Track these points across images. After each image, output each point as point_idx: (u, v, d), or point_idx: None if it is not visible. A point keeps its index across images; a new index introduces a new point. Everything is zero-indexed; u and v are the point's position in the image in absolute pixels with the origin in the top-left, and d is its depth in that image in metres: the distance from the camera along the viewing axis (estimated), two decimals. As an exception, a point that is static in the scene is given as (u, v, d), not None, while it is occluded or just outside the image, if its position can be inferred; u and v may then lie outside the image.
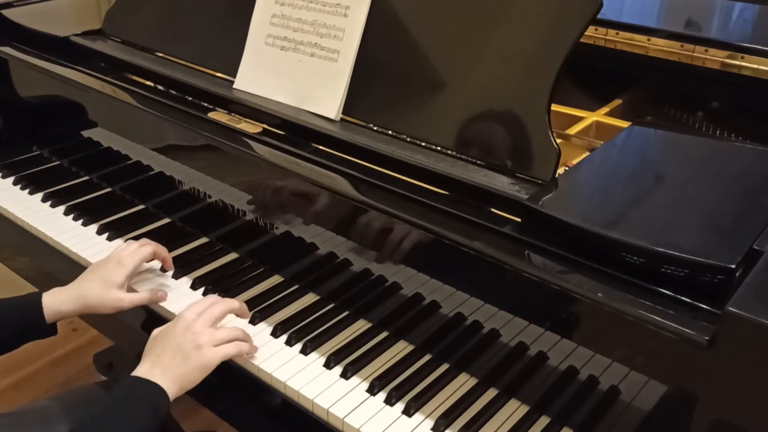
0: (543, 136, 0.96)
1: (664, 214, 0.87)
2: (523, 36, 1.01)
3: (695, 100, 1.34)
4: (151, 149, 1.36)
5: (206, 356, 0.97)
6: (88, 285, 1.12)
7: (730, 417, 0.75)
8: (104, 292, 1.11)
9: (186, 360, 0.96)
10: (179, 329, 0.99)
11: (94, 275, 1.13)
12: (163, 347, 0.98)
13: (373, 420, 0.97)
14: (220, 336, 1.00)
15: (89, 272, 1.15)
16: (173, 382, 0.95)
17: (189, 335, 0.98)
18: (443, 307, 1.02)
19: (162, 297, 1.17)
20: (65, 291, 1.12)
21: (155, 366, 0.96)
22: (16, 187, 1.52)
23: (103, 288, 1.11)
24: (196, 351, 0.97)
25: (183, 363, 0.96)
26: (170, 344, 0.98)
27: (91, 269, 1.16)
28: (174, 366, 0.96)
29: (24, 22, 1.58)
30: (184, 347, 0.97)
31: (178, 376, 0.95)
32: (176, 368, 0.96)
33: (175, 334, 0.99)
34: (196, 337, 0.98)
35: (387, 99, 1.11)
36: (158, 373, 0.95)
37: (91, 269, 1.16)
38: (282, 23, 1.21)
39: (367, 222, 1.04)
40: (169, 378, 0.95)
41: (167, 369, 0.95)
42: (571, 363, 0.91)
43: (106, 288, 1.11)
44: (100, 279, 1.12)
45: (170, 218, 1.40)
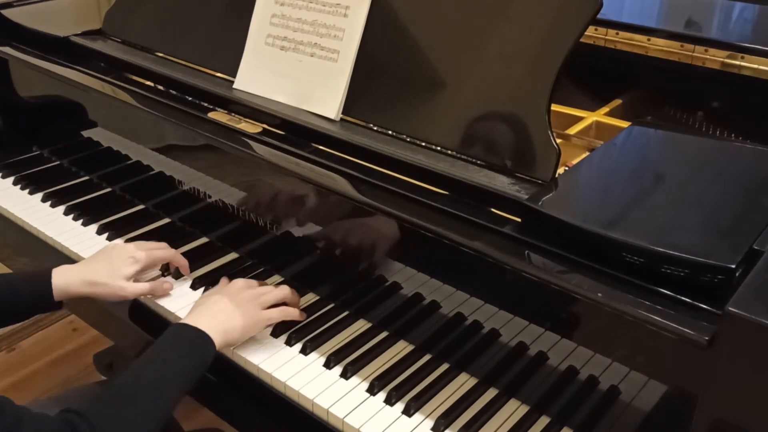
0: (543, 136, 0.96)
1: (664, 214, 0.87)
2: (523, 36, 1.01)
3: (695, 100, 1.34)
4: (151, 149, 1.36)
5: (252, 319, 1.04)
6: (98, 272, 1.14)
7: (730, 417, 0.75)
8: (111, 281, 1.14)
9: (233, 315, 1.02)
10: (230, 289, 1.07)
11: (105, 263, 1.16)
12: (212, 302, 1.04)
13: (373, 420, 0.97)
14: (267, 300, 1.08)
15: (101, 258, 1.17)
16: (218, 334, 0.99)
17: (239, 297, 1.05)
18: (443, 307, 1.02)
19: (167, 289, 1.19)
20: (75, 272, 1.14)
21: (202, 316, 1.01)
22: (16, 187, 1.52)
23: (111, 277, 1.14)
24: (244, 309, 1.04)
25: (230, 318, 1.02)
26: (218, 300, 1.04)
27: (104, 256, 1.17)
28: (222, 318, 1.01)
29: (24, 22, 1.58)
30: (235, 303, 1.04)
31: (224, 329, 1.01)
32: (223, 321, 1.01)
33: (225, 291, 1.06)
34: (245, 301, 1.05)
35: (387, 99, 1.11)
36: (205, 323, 0.99)
37: (104, 256, 1.17)
38: (282, 23, 1.21)
39: (367, 222, 1.04)
40: (217, 328, 0.99)
41: (213, 321, 1.00)
42: (571, 363, 0.91)
43: (114, 278, 1.14)
44: (111, 268, 1.15)
45: (170, 218, 1.40)
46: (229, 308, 1.03)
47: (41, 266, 1.33)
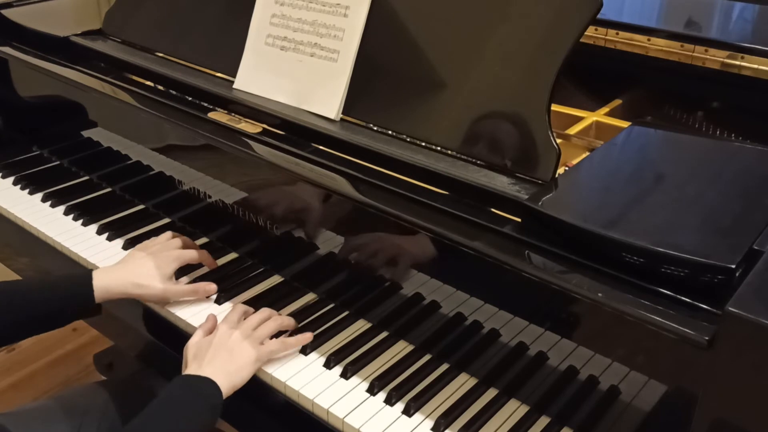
0: (543, 136, 0.96)
1: (664, 214, 0.87)
2: (523, 36, 1.01)
3: (695, 100, 1.34)
4: (151, 149, 1.36)
5: (253, 353, 1.00)
6: (141, 272, 1.13)
7: (730, 417, 0.75)
8: (155, 281, 1.13)
9: (234, 357, 0.99)
10: (221, 334, 1.01)
11: (146, 262, 1.14)
12: (209, 349, 1.00)
13: (373, 420, 0.97)
14: (262, 333, 1.03)
15: (141, 258, 1.15)
16: (224, 379, 0.96)
17: (233, 339, 1.01)
18: (443, 307, 1.02)
19: (210, 290, 1.17)
20: (115, 273, 1.12)
21: (204, 366, 0.97)
22: (16, 187, 1.52)
23: (155, 278, 1.13)
24: (241, 349, 1.00)
25: (231, 360, 0.98)
26: (215, 345, 1.00)
27: (144, 256, 1.15)
28: (223, 363, 0.98)
29: (24, 22, 1.58)
30: (231, 345, 1.00)
31: (228, 373, 0.97)
32: (226, 365, 0.98)
33: (218, 337, 1.01)
34: (240, 341, 1.01)
35: (387, 99, 1.11)
36: (209, 371, 0.96)
37: (144, 256, 1.15)
38: (282, 23, 1.21)
39: (367, 222, 1.04)
40: (219, 375, 0.96)
41: (217, 367, 0.97)
42: (571, 363, 0.91)
43: (157, 278, 1.13)
44: (154, 268, 1.13)
45: (170, 218, 1.40)
46: (224, 353, 0.99)
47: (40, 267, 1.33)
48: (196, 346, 1.02)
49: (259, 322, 1.06)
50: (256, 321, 1.06)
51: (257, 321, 1.06)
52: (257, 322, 1.05)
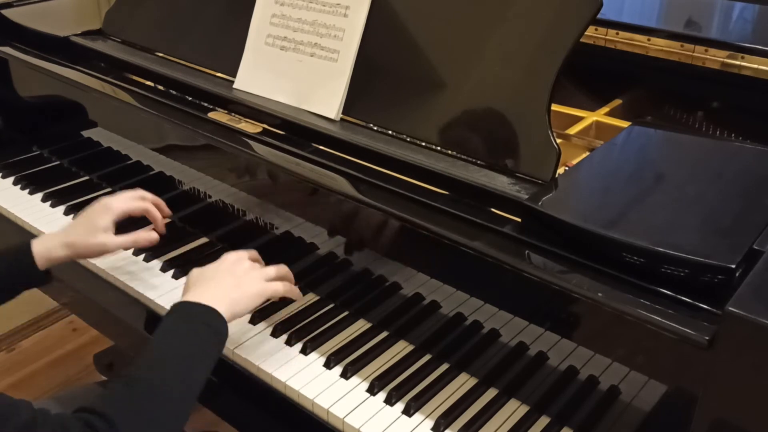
0: (543, 136, 0.96)
1: (664, 214, 0.87)
2: (523, 36, 1.01)
3: (695, 100, 1.34)
4: (151, 149, 1.36)
5: (258, 284, 0.98)
6: (75, 230, 1.12)
7: (730, 417, 0.75)
8: (90, 236, 1.11)
9: (238, 285, 0.96)
10: (229, 260, 1.00)
11: (80, 220, 1.14)
12: (212, 275, 0.97)
13: (373, 420, 0.97)
14: (269, 271, 1.01)
15: (78, 219, 1.16)
16: (227, 306, 0.93)
17: (240, 264, 0.99)
18: (443, 307, 1.02)
19: (151, 238, 1.15)
20: (54, 237, 1.12)
21: (205, 292, 0.94)
22: (16, 187, 1.52)
23: (89, 232, 1.11)
24: (248, 278, 0.98)
25: (235, 288, 0.95)
26: (220, 272, 0.97)
27: (80, 216, 1.16)
28: (225, 291, 0.94)
29: (24, 22, 1.58)
30: (236, 273, 0.97)
31: (231, 300, 0.94)
32: (229, 292, 0.94)
33: (225, 263, 0.99)
34: (249, 267, 0.99)
35: (387, 99, 1.11)
36: (210, 295, 0.93)
37: (80, 216, 1.16)
38: (282, 23, 1.21)
39: (367, 222, 1.04)
40: (222, 301, 0.92)
41: (218, 293, 0.93)
42: (571, 363, 0.91)
43: (92, 232, 1.11)
44: (86, 224, 1.12)
45: (170, 218, 1.40)
46: (230, 279, 0.96)
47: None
48: (200, 271, 0.99)
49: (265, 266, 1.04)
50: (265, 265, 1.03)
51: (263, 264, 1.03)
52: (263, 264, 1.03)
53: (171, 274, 1.24)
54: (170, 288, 1.21)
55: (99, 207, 1.14)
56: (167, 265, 1.25)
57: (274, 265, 1.05)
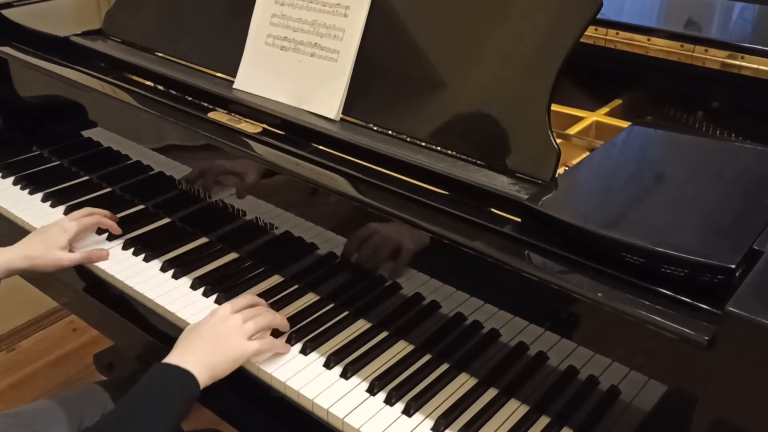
0: (543, 136, 0.96)
1: (664, 214, 0.87)
2: (523, 36, 1.01)
3: (695, 100, 1.34)
4: (151, 149, 1.36)
5: (238, 350, 1.00)
6: (33, 245, 1.24)
7: (730, 417, 0.75)
8: (47, 252, 1.22)
9: (219, 349, 0.99)
10: (214, 322, 1.02)
11: (38, 237, 1.25)
12: (197, 336, 1.00)
13: (373, 420, 0.97)
14: (251, 328, 1.02)
15: (34, 235, 1.27)
16: (205, 369, 0.96)
17: (223, 328, 1.01)
18: (443, 307, 1.02)
19: (101, 256, 1.26)
20: (12, 251, 1.22)
21: (187, 353, 0.98)
22: (16, 187, 1.52)
23: (46, 249, 1.23)
24: (231, 340, 1.00)
25: (216, 352, 0.98)
26: (205, 334, 1.00)
27: (37, 232, 1.28)
28: (206, 354, 0.98)
29: (24, 22, 1.58)
30: (218, 338, 1.00)
31: (210, 364, 0.97)
32: (209, 356, 0.98)
33: (210, 325, 1.02)
34: (230, 331, 1.01)
35: (387, 99, 1.11)
36: (190, 360, 0.96)
37: (37, 232, 1.28)
38: (282, 23, 1.21)
39: (367, 222, 1.04)
40: (200, 365, 0.96)
41: (199, 356, 0.97)
42: (571, 363, 0.91)
43: (49, 249, 1.23)
44: (44, 241, 1.24)
45: (170, 218, 1.40)
46: (211, 344, 0.99)
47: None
48: (188, 330, 1.03)
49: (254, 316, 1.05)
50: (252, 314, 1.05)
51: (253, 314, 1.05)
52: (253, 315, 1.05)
53: (171, 274, 1.24)
54: (170, 288, 1.21)
55: (56, 228, 1.26)
56: (167, 265, 1.25)
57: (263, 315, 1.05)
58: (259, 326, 1.04)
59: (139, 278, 1.23)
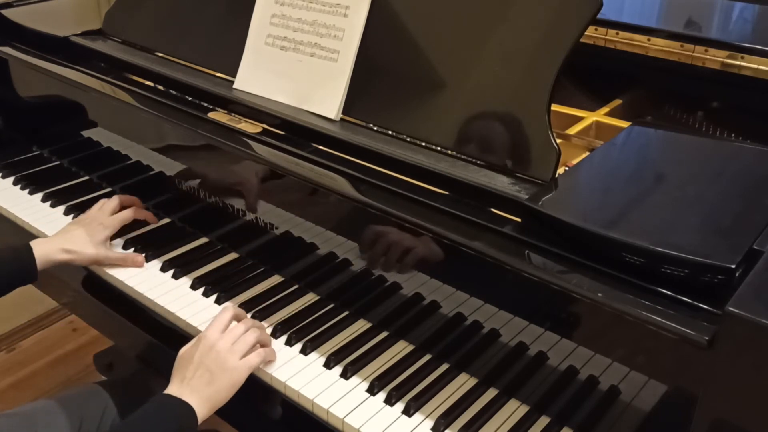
0: (543, 136, 0.96)
1: (664, 214, 0.87)
2: (523, 36, 1.01)
3: (695, 100, 1.34)
4: (151, 149, 1.36)
5: (233, 374, 0.98)
6: (74, 239, 1.24)
7: (730, 417, 0.75)
8: (87, 247, 1.23)
9: (213, 380, 0.97)
10: (203, 349, 0.99)
11: (78, 231, 1.25)
12: (189, 367, 0.98)
13: (373, 420, 0.97)
14: (242, 348, 1.00)
15: (73, 227, 1.27)
16: (203, 402, 0.96)
17: (213, 355, 0.99)
18: (443, 307, 1.02)
19: (137, 262, 1.26)
20: (52, 243, 1.23)
21: (184, 386, 0.97)
22: (16, 187, 1.52)
23: (86, 244, 1.23)
24: (222, 370, 0.98)
25: (211, 383, 0.97)
26: (196, 364, 0.98)
27: (77, 225, 1.27)
28: (202, 386, 0.97)
29: (24, 22, 1.58)
30: (211, 367, 0.98)
31: (207, 396, 0.96)
32: (205, 388, 0.97)
33: (200, 354, 0.99)
34: (221, 356, 0.98)
35: (387, 99, 1.11)
36: (188, 392, 0.96)
37: (77, 225, 1.27)
38: (282, 23, 1.21)
39: (367, 222, 1.04)
40: (198, 398, 0.96)
41: (196, 389, 0.96)
42: (571, 363, 0.91)
43: (89, 244, 1.24)
44: (84, 236, 1.24)
45: (170, 218, 1.40)
46: (206, 376, 0.97)
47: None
48: (181, 358, 1.01)
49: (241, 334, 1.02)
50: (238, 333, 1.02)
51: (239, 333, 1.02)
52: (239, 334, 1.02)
53: (171, 274, 1.24)
54: (170, 288, 1.21)
55: (96, 223, 1.27)
56: (167, 265, 1.26)
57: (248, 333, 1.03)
58: (248, 344, 1.01)
59: (139, 278, 1.23)
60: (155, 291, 1.20)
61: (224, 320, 1.03)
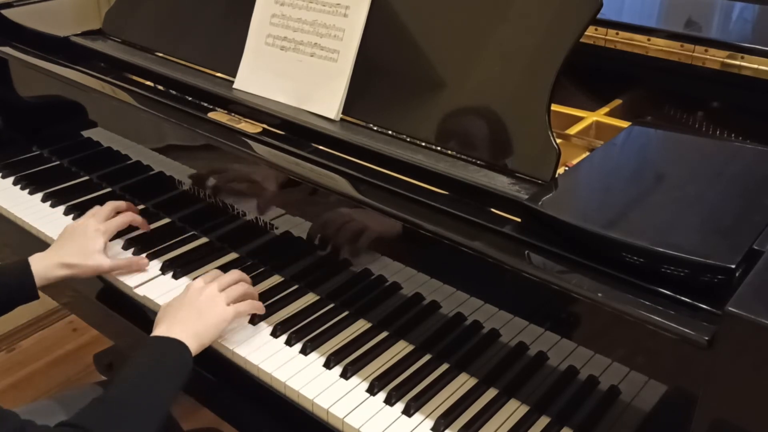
0: (543, 136, 0.96)
1: (664, 214, 0.87)
2: (523, 36, 1.01)
3: (695, 100, 1.34)
4: (151, 149, 1.36)
5: (221, 312, 1.04)
6: (70, 253, 1.19)
7: (730, 417, 0.75)
8: (87, 258, 1.19)
9: (202, 316, 1.02)
10: (192, 293, 1.06)
11: (73, 242, 1.21)
12: (178, 309, 1.04)
13: (373, 420, 0.97)
14: (232, 294, 1.07)
15: (66, 239, 1.22)
16: (193, 338, 1.00)
17: (203, 297, 1.05)
18: (443, 307, 1.02)
19: (141, 265, 1.24)
20: (47, 258, 1.18)
21: (173, 326, 1.01)
22: (16, 187, 1.52)
23: (86, 256, 1.19)
24: (211, 308, 1.04)
25: (200, 319, 1.02)
26: (185, 306, 1.04)
27: (68, 236, 1.23)
28: (192, 323, 1.01)
29: (24, 22, 1.58)
30: (200, 306, 1.03)
31: (196, 333, 1.01)
32: (194, 325, 1.01)
33: (189, 297, 1.05)
34: (210, 296, 1.05)
35: (387, 99, 1.11)
36: (177, 330, 1.00)
37: (68, 236, 1.23)
38: (282, 23, 1.21)
39: (367, 222, 1.04)
40: (188, 334, 1.00)
41: (185, 327, 1.01)
42: (571, 363, 0.91)
43: (88, 255, 1.20)
44: (82, 246, 1.20)
45: (170, 218, 1.40)
46: (194, 313, 1.03)
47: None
48: (167, 305, 1.06)
49: (229, 284, 1.09)
50: (226, 282, 1.09)
51: (227, 282, 1.09)
52: (227, 283, 1.09)
53: (171, 275, 1.24)
54: (170, 288, 1.21)
55: (90, 230, 1.22)
56: (167, 265, 1.26)
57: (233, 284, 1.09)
58: (237, 293, 1.08)
59: (139, 278, 1.23)
60: (155, 291, 1.20)
61: (211, 274, 1.10)
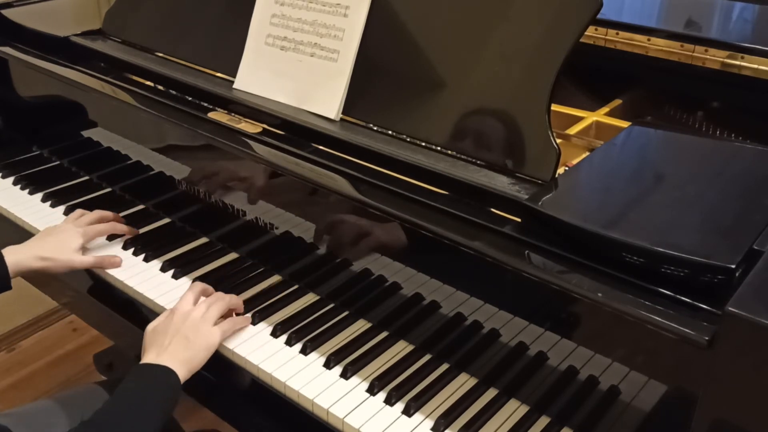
0: (543, 136, 0.96)
1: (664, 214, 0.87)
2: (523, 36, 1.01)
3: (695, 100, 1.34)
4: (151, 149, 1.36)
5: (209, 337, 1.04)
6: (47, 246, 1.21)
7: (730, 417, 0.75)
8: (61, 253, 1.21)
9: (190, 344, 1.02)
10: (178, 320, 1.05)
11: (51, 238, 1.23)
12: (165, 337, 1.03)
13: (373, 420, 0.97)
14: (214, 314, 1.07)
15: (46, 235, 1.25)
16: (181, 365, 1.00)
17: (189, 323, 1.04)
18: (443, 307, 1.02)
19: (114, 263, 1.25)
20: (24, 250, 1.20)
21: (161, 354, 1.01)
22: (16, 187, 1.52)
23: (60, 250, 1.21)
24: (197, 335, 1.03)
25: (188, 347, 1.02)
26: (172, 333, 1.03)
27: (48, 233, 1.25)
28: (180, 351, 1.01)
29: (24, 22, 1.58)
30: (186, 334, 1.03)
31: (185, 359, 1.01)
32: (182, 352, 1.01)
33: (174, 324, 1.04)
34: (195, 323, 1.04)
35: (387, 99, 1.11)
36: (166, 358, 1.00)
37: (48, 233, 1.25)
38: (282, 23, 1.21)
39: (367, 222, 1.04)
40: (176, 362, 0.99)
41: (173, 354, 1.00)
42: (571, 363, 0.91)
43: (63, 250, 1.22)
44: (58, 242, 1.23)
45: (170, 218, 1.40)
46: (181, 340, 1.02)
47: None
48: (154, 331, 1.05)
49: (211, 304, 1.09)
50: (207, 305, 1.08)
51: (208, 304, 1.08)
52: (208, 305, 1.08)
53: (171, 274, 1.24)
54: (170, 288, 1.21)
55: (71, 230, 1.25)
56: (167, 265, 1.26)
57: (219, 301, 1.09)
58: (220, 311, 1.08)
59: (139, 278, 1.23)
60: (155, 291, 1.20)
61: (194, 293, 1.10)
